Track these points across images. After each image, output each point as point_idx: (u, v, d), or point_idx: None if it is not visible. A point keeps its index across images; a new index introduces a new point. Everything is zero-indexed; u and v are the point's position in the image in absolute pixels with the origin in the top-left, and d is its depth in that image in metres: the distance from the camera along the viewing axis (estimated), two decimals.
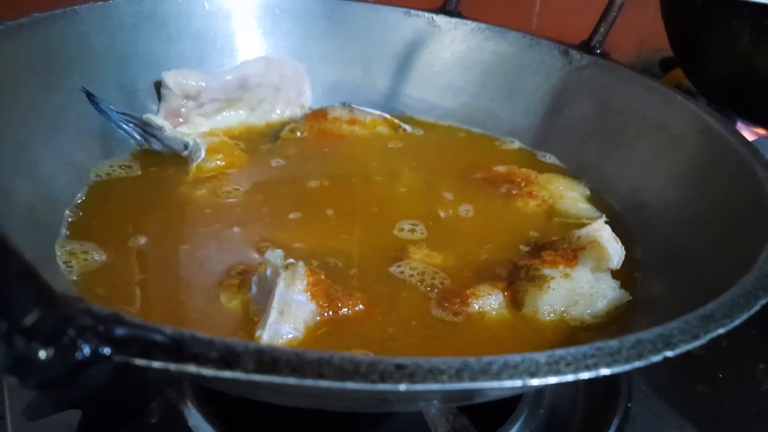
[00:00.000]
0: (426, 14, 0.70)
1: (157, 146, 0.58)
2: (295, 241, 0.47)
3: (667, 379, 0.49)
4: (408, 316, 0.41)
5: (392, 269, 0.45)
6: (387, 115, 0.67)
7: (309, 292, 0.39)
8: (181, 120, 0.61)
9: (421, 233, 0.50)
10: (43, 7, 0.52)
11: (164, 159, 0.57)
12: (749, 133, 0.75)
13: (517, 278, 0.44)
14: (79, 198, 0.50)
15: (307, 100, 0.68)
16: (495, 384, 0.24)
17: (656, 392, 0.47)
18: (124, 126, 0.57)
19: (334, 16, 0.69)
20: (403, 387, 0.23)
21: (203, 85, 0.62)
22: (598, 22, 0.67)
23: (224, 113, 0.64)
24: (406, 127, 0.67)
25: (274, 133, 0.64)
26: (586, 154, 0.61)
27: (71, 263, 0.43)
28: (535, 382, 0.24)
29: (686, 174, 0.52)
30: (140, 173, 0.55)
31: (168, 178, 0.55)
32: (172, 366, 0.22)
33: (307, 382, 0.22)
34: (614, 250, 0.44)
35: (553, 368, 0.24)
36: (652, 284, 0.46)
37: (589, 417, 0.45)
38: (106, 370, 0.21)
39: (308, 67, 0.68)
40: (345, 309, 0.40)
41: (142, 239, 0.46)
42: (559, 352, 0.25)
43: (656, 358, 0.26)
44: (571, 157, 0.62)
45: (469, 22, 0.69)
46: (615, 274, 0.45)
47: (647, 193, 0.54)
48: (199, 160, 0.56)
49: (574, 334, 0.41)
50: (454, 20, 0.70)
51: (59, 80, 0.52)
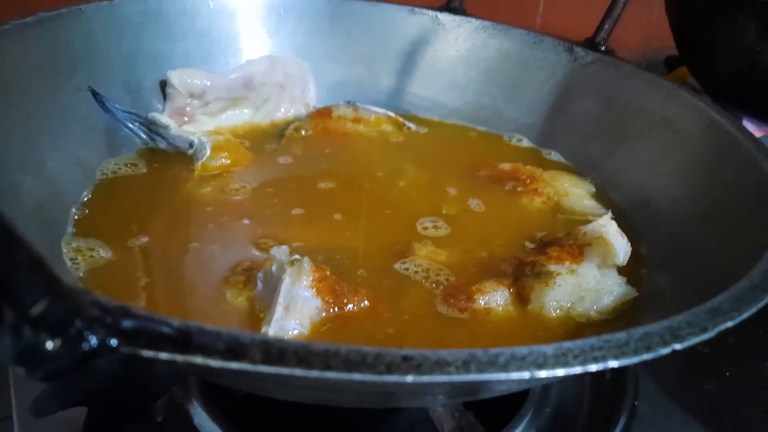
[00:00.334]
0: (430, 12, 0.70)
1: (162, 145, 0.58)
2: (300, 237, 0.47)
3: (674, 377, 0.49)
4: (413, 313, 0.41)
5: (397, 266, 0.45)
6: (391, 114, 0.67)
7: (314, 288, 0.39)
8: (186, 119, 0.61)
9: (438, 228, 0.50)
10: (48, 6, 0.52)
11: (169, 157, 0.57)
12: (756, 130, 0.75)
13: (523, 274, 0.44)
14: (85, 196, 0.50)
15: (312, 98, 0.68)
16: (502, 376, 0.23)
17: (663, 390, 0.47)
18: (129, 125, 0.57)
19: (338, 14, 0.69)
20: (410, 378, 0.22)
21: (208, 84, 0.62)
22: (602, 19, 0.67)
23: (229, 112, 0.64)
24: (411, 125, 0.67)
25: (278, 132, 0.64)
26: (591, 150, 0.61)
27: (77, 260, 0.43)
28: (543, 374, 0.24)
29: (692, 170, 0.51)
30: (146, 171, 0.55)
31: (173, 176, 0.55)
32: (179, 357, 0.22)
33: (314, 373, 0.22)
34: (620, 246, 0.44)
35: (561, 360, 0.24)
36: (658, 280, 0.46)
37: (596, 415, 0.45)
38: (113, 362, 0.21)
39: (313, 65, 0.68)
40: (350, 305, 0.40)
41: (147, 237, 0.46)
42: (567, 345, 0.25)
43: (665, 351, 0.26)
44: (576, 154, 0.62)
45: (473, 20, 0.69)
46: (621, 270, 0.45)
47: (653, 189, 0.53)
48: (205, 158, 0.56)
49: (580, 330, 0.41)
50: (458, 18, 0.69)
51: (65, 79, 0.52)
